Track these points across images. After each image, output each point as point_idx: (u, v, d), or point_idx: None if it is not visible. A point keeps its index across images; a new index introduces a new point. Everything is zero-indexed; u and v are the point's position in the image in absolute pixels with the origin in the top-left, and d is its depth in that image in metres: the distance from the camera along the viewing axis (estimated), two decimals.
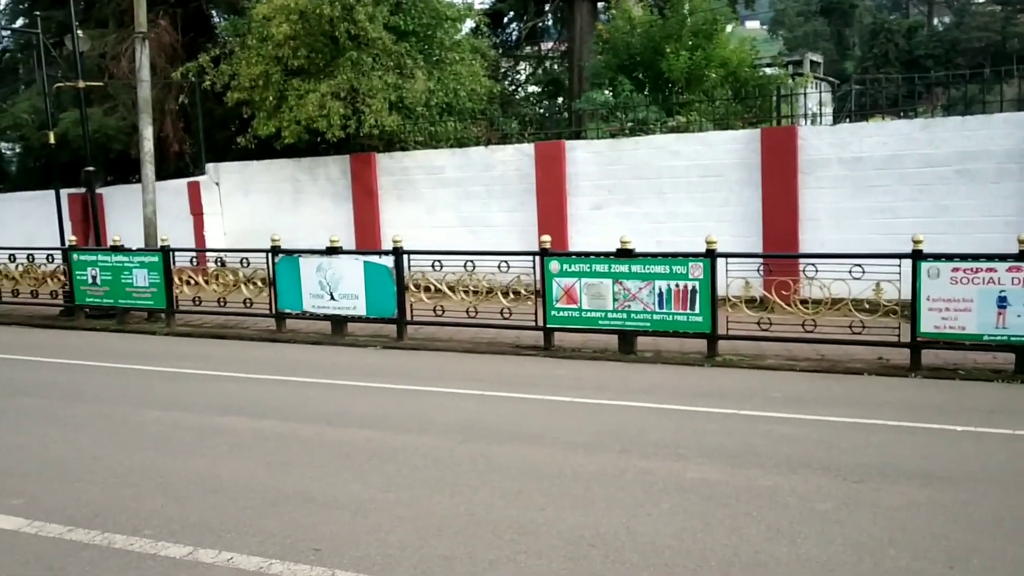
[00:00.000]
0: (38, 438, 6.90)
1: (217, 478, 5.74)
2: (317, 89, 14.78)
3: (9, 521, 5.09)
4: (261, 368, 9.45)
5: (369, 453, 6.19)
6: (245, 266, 12.18)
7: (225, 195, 17.26)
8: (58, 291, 13.64)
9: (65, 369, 9.85)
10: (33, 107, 17.57)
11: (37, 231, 17.24)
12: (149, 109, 13.94)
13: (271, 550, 4.56)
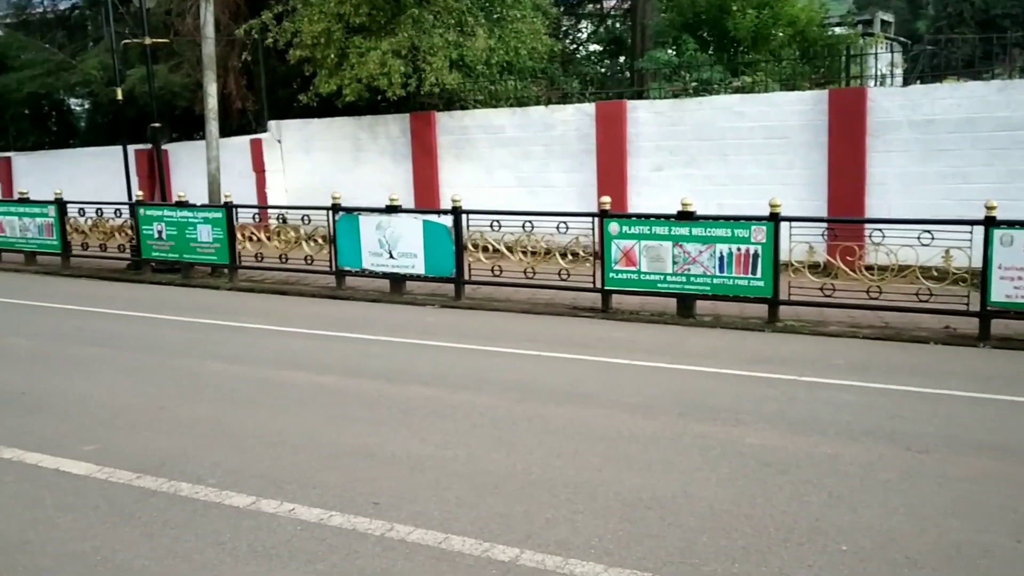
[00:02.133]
0: (108, 387, 7.11)
1: (279, 431, 5.86)
2: (378, 47, 14.77)
3: (81, 467, 5.27)
4: (321, 324, 9.57)
5: (427, 410, 6.25)
6: (306, 223, 12.31)
7: (287, 152, 17.42)
8: (126, 245, 13.95)
9: (133, 321, 10.10)
10: (101, 63, 17.86)
11: (105, 186, 17.60)
12: (213, 66, 14.08)
13: (331, 502, 4.65)
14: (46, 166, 20.36)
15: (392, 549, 4.12)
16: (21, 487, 5.00)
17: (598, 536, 4.20)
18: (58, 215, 14.26)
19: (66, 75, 18.71)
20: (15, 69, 19.29)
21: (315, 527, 4.37)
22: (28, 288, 12.61)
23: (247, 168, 17.23)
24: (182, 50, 17.70)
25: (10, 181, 20.69)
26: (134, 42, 14.78)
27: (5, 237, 14.98)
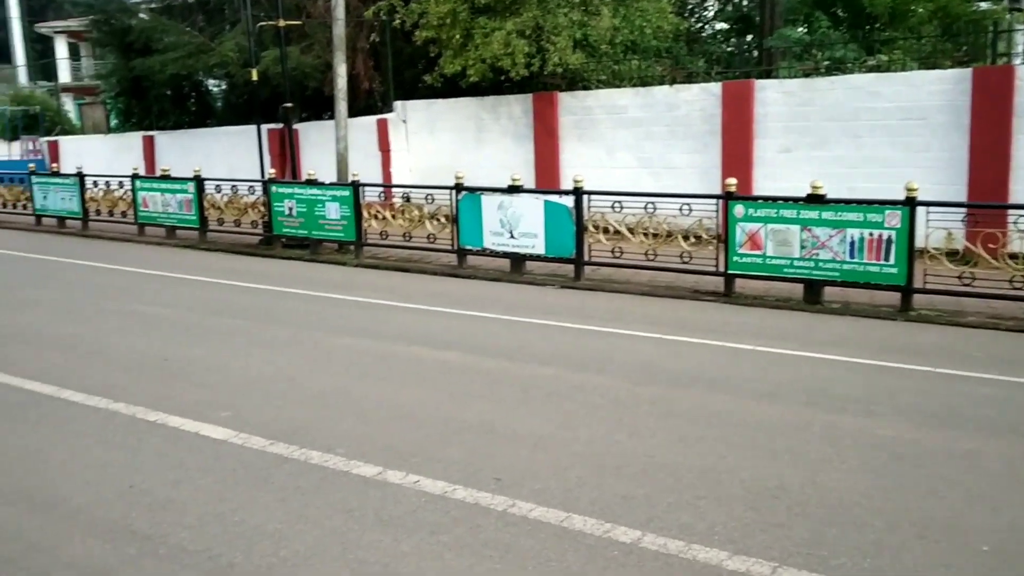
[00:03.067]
0: (242, 357, 7.42)
1: (403, 404, 6.00)
2: (503, 27, 14.82)
3: (218, 432, 5.53)
4: (444, 302, 9.73)
5: (548, 390, 6.28)
6: (430, 202, 12.51)
7: (411, 132, 17.72)
8: (258, 221, 14.49)
9: (265, 294, 10.50)
10: (238, 46, 18.54)
11: (239, 164, 18.33)
12: (343, 47, 14.42)
13: (454, 476, 4.73)
14: (185, 145, 21.35)
15: (514, 525, 4.17)
16: (165, 449, 5.28)
17: (722, 523, 4.14)
18: (197, 192, 14.94)
19: (205, 57, 19.51)
20: (159, 52, 20.24)
21: (439, 500, 4.46)
22: (168, 261, 13.27)
23: (373, 147, 17.63)
24: (313, 32, 18.19)
25: (153, 159, 21.79)
26: (269, 24, 15.27)
27: (148, 212, 15.80)
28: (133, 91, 22.81)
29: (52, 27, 39.94)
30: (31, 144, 25.62)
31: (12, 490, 4.73)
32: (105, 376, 6.80)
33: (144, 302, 9.94)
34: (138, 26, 21.19)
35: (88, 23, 24.42)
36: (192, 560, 3.93)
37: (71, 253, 14.15)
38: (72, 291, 10.75)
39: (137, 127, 23.34)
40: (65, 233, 17.10)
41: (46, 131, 27.21)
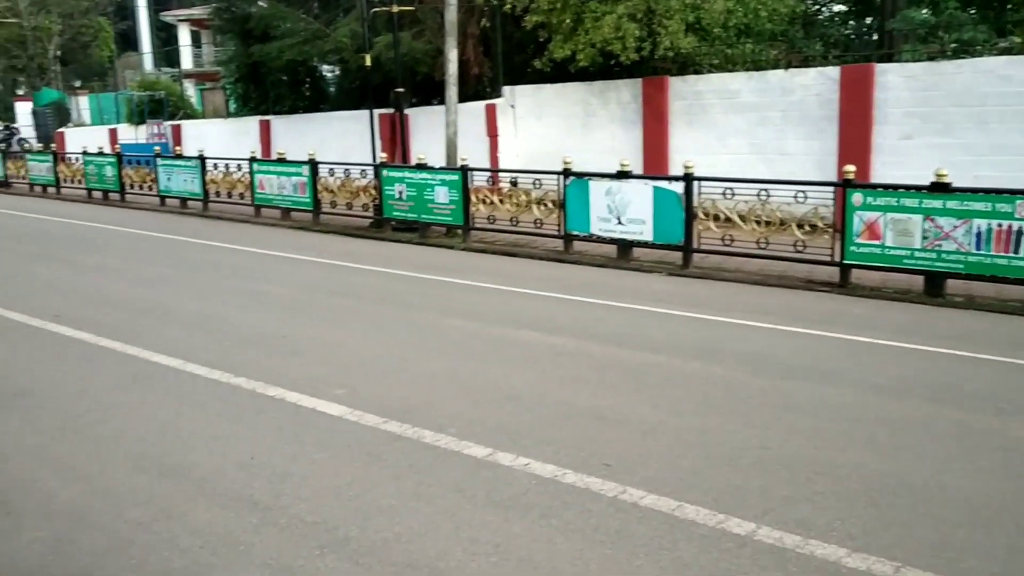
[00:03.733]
0: (356, 336, 7.60)
1: (513, 387, 6.03)
2: (614, 11, 14.68)
3: (334, 408, 5.67)
4: (551, 286, 9.73)
5: (659, 377, 6.22)
6: (537, 187, 12.52)
7: (519, 118, 17.76)
8: (369, 204, 14.78)
9: (376, 276, 10.71)
10: (351, 32, 18.91)
11: (351, 148, 18.74)
12: (455, 32, 14.54)
13: (564, 460, 4.74)
14: (299, 129, 21.95)
15: (625, 512, 4.15)
16: (283, 423, 5.46)
17: (841, 519, 4.02)
18: (311, 175, 15.34)
19: (320, 43, 19.97)
20: (276, 38, 20.82)
21: (549, 483, 4.48)
22: (283, 241, 13.67)
23: (481, 132, 17.75)
24: (425, 17, 18.39)
25: (269, 142, 22.48)
26: (382, 10, 15.52)
27: (264, 194, 16.31)
28: (251, 77, 23.55)
29: (176, 15, 41.61)
30: (156, 128, 26.76)
31: (144, 457, 4.96)
32: (226, 351, 7.06)
33: (262, 281, 10.28)
34: (257, 13, 21.85)
35: (210, 11, 25.32)
36: (311, 531, 4.05)
37: (193, 233, 14.74)
38: (194, 269, 11.19)
39: (254, 112, 24.10)
40: (187, 213, 17.82)
41: (170, 115, 28.38)
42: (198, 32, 41.79)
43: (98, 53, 44.71)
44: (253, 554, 3.87)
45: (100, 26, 44.60)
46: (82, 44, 43.50)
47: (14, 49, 39.17)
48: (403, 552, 3.85)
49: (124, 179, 20.09)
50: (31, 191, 23.32)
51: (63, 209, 19.25)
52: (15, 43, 38.98)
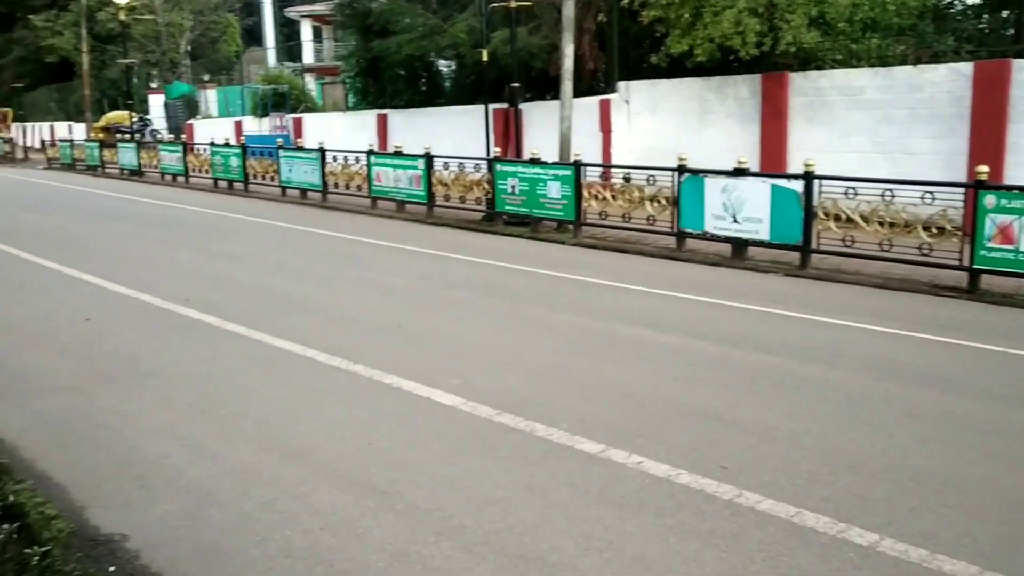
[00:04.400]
0: (468, 328, 7.69)
1: (626, 384, 6.01)
2: (734, 5, 14.37)
3: (448, 398, 5.76)
4: (663, 284, 9.63)
5: (775, 380, 6.09)
6: (651, 184, 12.40)
7: (633, 113, 17.62)
8: (482, 198, 14.92)
9: (488, 269, 10.82)
10: (469, 27, 19.13)
11: (464, 142, 18.94)
12: (571, 27, 14.51)
13: (678, 460, 4.69)
14: (415, 123, 22.32)
15: (741, 515, 4.08)
16: (399, 411, 5.58)
17: (971, 535, 3.86)
18: (426, 168, 15.59)
19: (437, 38, 20.27)
20: (395, 33, 21.24)
21: (663, 482, 4.44)
22: (398, 233, 13.94)
23: (594, 128, 17.68)
24: (541, 13, 18.43)
25: (385, 135, 22.94)
26: (500, 5, 15.62)
27: (380, 186, 16.67)
28: (370, 71, 24.08)
29: (299, 12, 42.88)
30: (278, 120, 27.66)
31: (267, 438, 5.16)
32: (345, 338, 7.26)
33: (378, 271, 10.52)
34: (378, 9, 22.32)
35: (333, 7, 26.00)
36: (426, 518, 4.13)
37: (312, 223, 15.19)
38: (314, 258, 11.54)
39: (372, 105, 24.64)
40: (306, 204, 18.38)
41: (292, 108, 29.28)
42: (319, 28, 42.98)
43: (226, 48, 46.54)
44: (371, 537, 3.97)
45: (228, 22, 46.41)
46: (211, 39, 45.35)
47: (149, 44, 41.14)
48: (516, 543, 3.89)
49: (248, 169, 20.87)
50: (162, 180, 24.46)
51: (191, 197, 20.13)
52: (150, 39, 40.94)
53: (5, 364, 6.73)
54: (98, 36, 40.56)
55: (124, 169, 26.92)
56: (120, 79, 38.81)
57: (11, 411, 5.67)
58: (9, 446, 5.11)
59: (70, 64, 43.69)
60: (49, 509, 4.26)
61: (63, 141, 32.99)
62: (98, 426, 5.40)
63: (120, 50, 34.06)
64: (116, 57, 38.01)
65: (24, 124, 46.46)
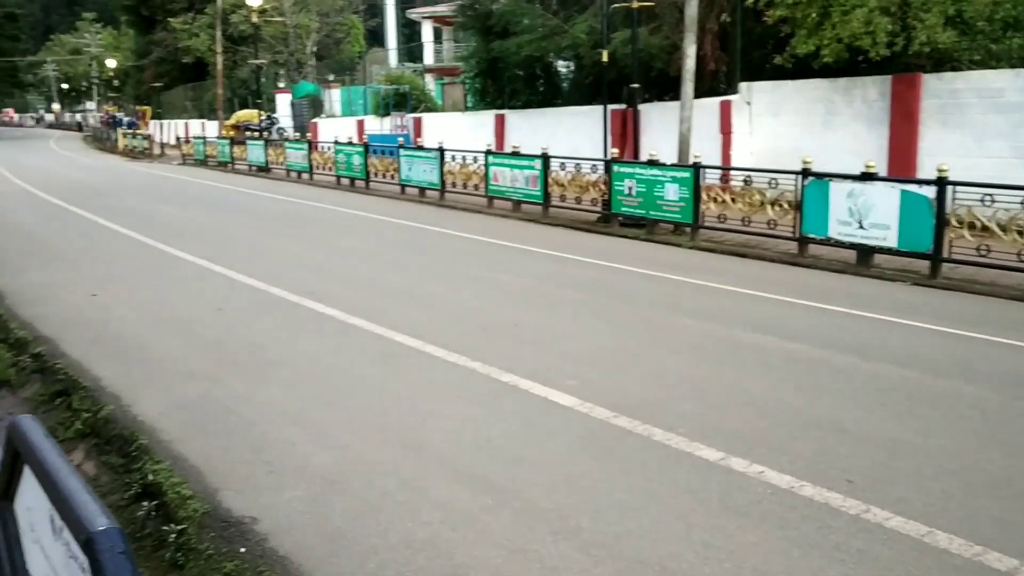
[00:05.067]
0: (585, 328, 7.69)
1: (747, 392, 5.89)
2: (865, 4, 13.90)
3: (566, 399, 5.77)
4: (785, 290, 9.39)
5: (905, 393, 5.86)
6: (773, 187, 12.12)
7: (755, 115, 17.26)
8: (597, 199, 14.88)
9: (604, 270, 10.78)
10: (589, 28, 19.12)
11: (581, 143, 18.92)
12: (694, 28, 14.32)
13: (801, 472, 4.57)
14: (532, 123, 22.44)
15: (868, 532, 3.95)
16: (517, 409, 5.62)
17: None
18: (543, 168, 15.65)
19: (557, 39, 20.34)
20: (515, 34, 21.42)
21: (785, 493, 4.34)
22: (514, 233, 14.04)
23: (714, 129, 17.40)
24: (663, 13, 18.26)
25: (502, 135, 23.15)
26: (622, 6, 15.55)
27: (497, 186, 16.83)
28: (489, 72, 24.33)
29: (421, 13, 43.73)
30: (399, 120, 28.26)
31: (388, 430, 5.29)
32: (463, 335, 7.36)
33: (495, 270, 10.63)
34: (499, 10, 22.55)
35: (454, 8, 26.39)
36: (544, 517, 4.15)
37: (431, 221, 15.46)
38: (433, 256, 11.75)
39: (490, 106, 24.89)
40: (424, 202, 18.71)
41: (412, 108, 29.87)
42: (440, 29, 43.71)
43: (349, 49, 47.86)
44: (489, 533, 4.02)
45: (352, 23, 47.73)
46: (336, 41, 46.71)
47: (278, 45, 42.71)
48: (634, 548, 3.87)
49: (369, 167, 21.40)
50: (287, 176, 25.34)
51: (315, 194, 20.78)
52: (279, 40, 42.50)
53: (147, 350, 7.11)
54: (231, 37, 42.36)
55: (252, 165, 28.01)
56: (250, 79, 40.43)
57: (152, 395, 5.98)
58: (149, 428, 5.39)
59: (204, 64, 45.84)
60: (185, 490, 4.48)
61: (196, 138, 34.60)
62: (230, 412, 5.64)
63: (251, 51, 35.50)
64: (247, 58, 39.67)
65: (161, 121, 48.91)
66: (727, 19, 17.51)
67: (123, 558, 1.43)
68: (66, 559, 1.73)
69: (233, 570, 3.81)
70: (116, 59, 71.62)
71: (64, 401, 6.09)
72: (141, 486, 4.69)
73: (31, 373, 6.80)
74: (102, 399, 5.90)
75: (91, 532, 1.46)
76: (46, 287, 9.61)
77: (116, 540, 1.45)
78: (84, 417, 5.68)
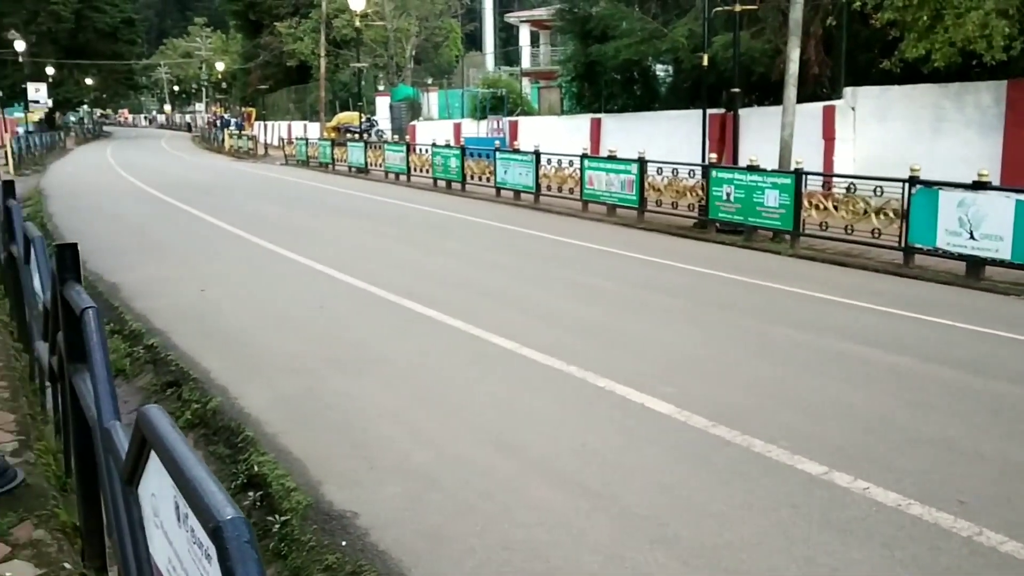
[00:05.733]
0: (681, 335, 7.61)
1: (850, 405, 5.74)
2: (980, 6, 13.37)
3: (662, 406, 5.72)
4: (890, 301, 9.10)
5: (1021, 411, 5.62)
6: (878, 195, 11.76)
7: (859, 121, 16.78)
8: (694, 204, 14.70)
9: (699, 276, 10.64)
10: (690, 31, 18.91)
11: (678, 147, 18.72)
12: (798, 31, 14.02)
13: (909, 489, 4.43)
14: (628, 127, 22.31)
15: (981, 555, 3.81)
16: (612, 414, 5.60)
17: None
18: (639, 173, 15.55)
19: (656, 43, 20.16)
20: (614, 38, 21.33)
21: (892, 512, 4.21)
22: (609, 237, 13.99)
23: (816, 135, 16.98)
24: (766, 16, 17.92)
25: (598, 139, 23.08)
26: (724, 9, 15.32)
27: (592, 190, 16.80)
28: (586, 75, 24.31)
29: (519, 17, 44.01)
30: (495, 123, 28.48)
31: (485, 431, 5.33)
32: (558, 338, 7.37)
33: (589, 274, 10.60)
34: (598, 14, 22.50)
35: (553, 12, 26.46)
36: (641, 524, 4.13)
37: (525, 224, 15.52)
38: (527, 258, 11.80)
39: (586, 109, 24.86)
40: (519, 205, 18.81)
41: (508, 112, 30.06)
42: (537, 33, 43.91)
43: (447, 53, 48.50)
44: (585, 538, 4.02)
45: (451, 27, 48.36)
46: (434, 44, 47.40)
47: (378, 49, 43.56)
48: (733, 560, 3.82)
49: (466, 170, 21.63)
50: (385, 178, 25.81)
51: (412, 195, 21.11)
52: (379, 43, 43.34)
53: (253, 344, 7.34)
54: (334, 41, 43.45)
55: (351, 167, 28.61)
56: (351, 82, 41.37)
57: (258, 388, 6.18)
58: (255, 420, 5.57)
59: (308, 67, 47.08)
60: (289, 482, 4.62)
61: (299, 139, 35.54)
62: (331, 407, 5.78)
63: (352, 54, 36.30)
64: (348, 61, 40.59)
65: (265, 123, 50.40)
66: (832, 22, 17.07)
67: (248, 547, 1.48)
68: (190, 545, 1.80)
69: (335, 562, 3.90)
70: (224, 62, 74.23)
71: (175, 392, 6.35)
72: (247, 477, 4.85)
73: (144, 364, 7.11)
74: (210, 391, 6.13)
75: (219, 521, 1.50)
76: (158, 282, 10.02)
77: (242, 529, 1.50)
78: (194, 408, 5.92)
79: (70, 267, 3.58)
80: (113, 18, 61.80)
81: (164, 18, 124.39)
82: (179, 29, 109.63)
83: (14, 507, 3.87)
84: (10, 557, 3.49)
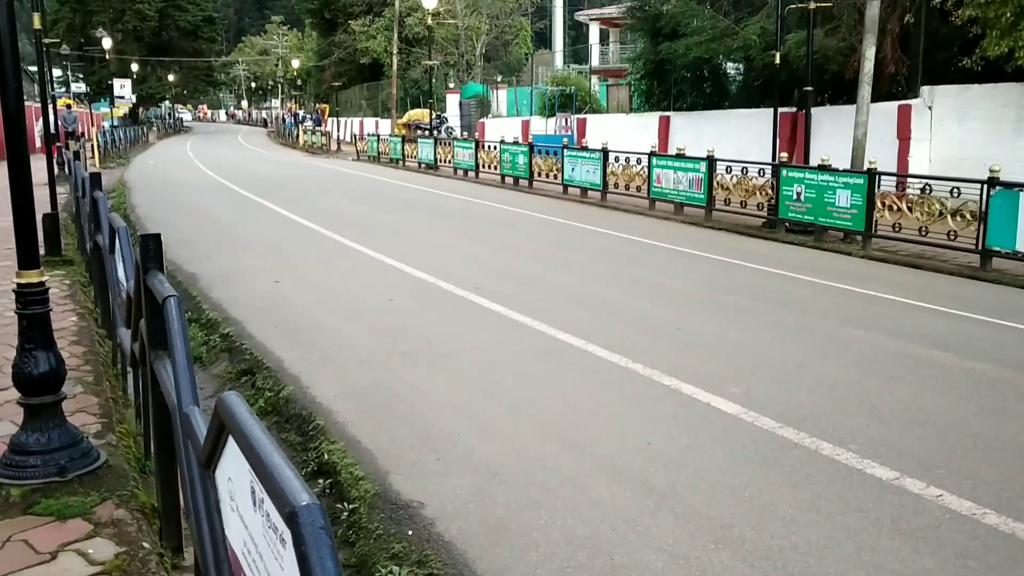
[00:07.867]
0: (750, 336, 7.53)
1: (923, 410, 5.63)
2: None
3: (729, 406, 5.69)
4: (966, 305, 8.88)
5: None
6: (955, 196, 11.46)
7: (936, 120, 16.37)
8: (763, 203, 14.51)
9: (769, 276, 10.50)
10: (762, 29, 18.67)
11: (748, 146, 18.50)
12: (875, 29, 13.74)
13: (984, 498, 4.34)
14: (696, 125, 22.11)
15: None
16: (678, 414, 5.59)
17: None
18: (708, 171, 15.41)
19: (728, 41, 19.96)
20: (684, 36, 21.18)
21: (966, 520, 4.13)
22: (676, 235, 13.89)
23: (890, 135, 16.63)
24: (840, 13, 17.60)
25: (666, 137, 22.93)
26: (798, 7, 15.09)
27: (660, 188, 16.69)
28: (656, 73, 24.18)
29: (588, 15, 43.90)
30: (564, 121, 28.48)
31: (550, 427, 5.37)
32: (624, 336, 7.37)
33: (656, 272, 10.56)
34: (669, 12, 22.35)
35: (623, 10, 26.35)
36: (705, 524, 4.12)
37: (592, 221, 15.51)
38: (593, 255, 11.79)
39: (655, 107, 24.71)
40: (586, 202, 18.78)
41: (577, 109, 30.03)
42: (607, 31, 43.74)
43: (517, 51, 48.61)
44: (649, 536, 4.03)
45: (521, 25, 48.46)
46: (504, 42, 47.57)
47: (449, 47, 43.91)
48: (799, 563, 3.78)
49: (533, 167, 21.68)
50: (454, 174, 26.01)
51: (480, 192, 21.25)
52: (450, 41, 43.69)
53: (324, 335, 7.49)
54: (406, 39, 43.90)
55: (421, 163, 28.90)
56: (422, 79, 41.74)
57: (330, 378, 6.31)
58: (325, 409, 5.69)
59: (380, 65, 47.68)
60: (357, 471, 4.71)
61: (370, 135, 36.01)
62: (400, 399, 5.87)
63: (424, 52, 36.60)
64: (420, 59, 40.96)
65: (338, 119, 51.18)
66: (910, 19, 16.67)
67: (323, 533, 1.51)
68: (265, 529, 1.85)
69: (401, 551, 3.97)
70: (300, 59, 75.58)
71: (249, 380, 6.52)
72: (317, 464, 4.97)
73: (220, 352, 7.31)
74: (283, 380, 6.28)
75: (295, 506, 1.53)
76: (234, 272, 10.29)
77: (317, 516, 1.53)
78: (267, 396, 6.07)
79: (153, 257, 3.71)
80: (195, 16, 63.42)
81: (243, 17, 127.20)
82: (257, 27, 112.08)
83: (96, 487, 4.04)
84: (92, 535, 3.65)
